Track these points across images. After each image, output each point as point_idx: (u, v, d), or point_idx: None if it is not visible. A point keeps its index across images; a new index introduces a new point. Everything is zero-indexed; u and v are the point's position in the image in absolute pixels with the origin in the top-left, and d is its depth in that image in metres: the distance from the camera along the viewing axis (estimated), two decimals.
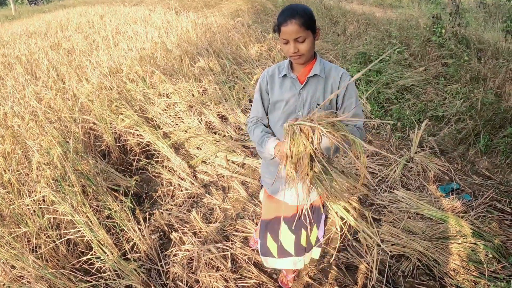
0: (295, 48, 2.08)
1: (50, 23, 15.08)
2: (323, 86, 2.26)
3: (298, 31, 2.03)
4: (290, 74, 2.26)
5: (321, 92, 2.26)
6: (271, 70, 2.37)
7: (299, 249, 2.84)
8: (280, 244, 2.81)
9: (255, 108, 2.47)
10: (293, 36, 2.04)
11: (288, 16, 2.02)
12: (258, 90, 2.42)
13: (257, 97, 2.43)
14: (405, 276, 3.39)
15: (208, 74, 7.18)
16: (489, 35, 8.83)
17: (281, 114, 2.34)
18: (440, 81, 6.61)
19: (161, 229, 3.98)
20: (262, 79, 2.37)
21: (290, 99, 2.28)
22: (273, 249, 2.86)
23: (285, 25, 2.03)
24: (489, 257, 3.37)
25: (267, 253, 2.92)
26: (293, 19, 2.01)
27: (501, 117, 5.31)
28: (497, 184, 4.45)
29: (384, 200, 4.25)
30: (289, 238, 2.77)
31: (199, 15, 12.97)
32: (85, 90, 5.91)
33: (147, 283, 3.29)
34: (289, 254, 2.85)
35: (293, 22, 2.01)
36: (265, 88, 2.37)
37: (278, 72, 2.33)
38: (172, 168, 4.90)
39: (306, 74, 2.24)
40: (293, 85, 2.28)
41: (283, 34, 2.07)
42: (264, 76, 2.37)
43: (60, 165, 4.04)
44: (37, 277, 3.03)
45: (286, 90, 2.29)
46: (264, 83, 2.36)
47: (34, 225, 3.53)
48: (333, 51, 8.55)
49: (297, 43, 2.08)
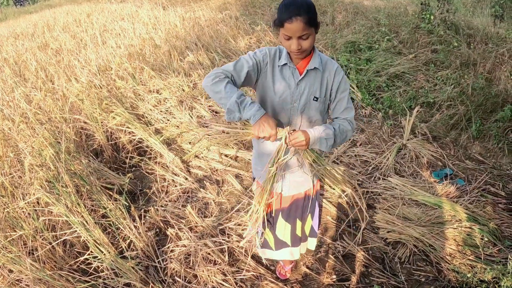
0: (298, 45, 2.03)
1: (37, 24, 14.94)
2: (320, 79, 2.25)
3: (303, 28, 1.97)
4: (290, 63, 2.21)
5: (318, 85, 2.25)
6: (273, 51, 2.26)
7: (295, 239, 2.85)
8: (276, 237, 2.82)
9: (238, 68, 2.20)
10: (297, 33, 1.99)
11: (294, 12, 1.94)
12: (253, 58, 2.22)
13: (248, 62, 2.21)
14: (402, 262, 3.42)
15: (198, 68, 7.16)
16: (478, 21, 8.86)
17: (275, 103, 2.28)
18: (430, 68, 6.63)
19: (157, 225, 3.99)
20: (265, 54, 2.24)
21: (287, 89, 2.24)
22: (270, 241, 2.87)
23: (290, 22, 1.95)
24: (485, 240, 3.40)
25: (265, 245, 2.94)
26: (299, 17, 1.94)
27: (492, 101, 5.34)
28: (490, 168, 4.48)
29: (378, 188, 4.27)
30: (285, 228, 2.78)
31: (186, 9, 12.91)
32: (74, 90, 5.87)
33: (145, 280, 3.29)
34: (286, 245, 2.86)
35: (299, 19, 1.94)
36: (263, 63, 2.25)
37: (278, 58, 2.25)
38: (165, 164, 4.90)
39: (305, 66, 2.22)
40: (292, 76, 2.23)
41: (287, 30, 2.00)
42: (267, 53, 2.24)
43: (53, 166, 4.02)
44: (35, 280, 3.02)
45: (285, 78, 2.24)
46: (263, 59, 2.24)
47: (30, 227, 3.52)
48: (322, 41, 8.54)
49: (300, 40, 2.03)
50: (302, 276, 3.38)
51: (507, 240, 3.43)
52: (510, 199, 4.02)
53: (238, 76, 2.19)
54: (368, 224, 3.87)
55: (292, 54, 2.16)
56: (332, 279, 3.30)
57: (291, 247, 2.88)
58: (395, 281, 3.22)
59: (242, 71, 2.19)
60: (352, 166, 4.71)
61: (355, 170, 4.63)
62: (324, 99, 2.29)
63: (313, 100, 2.26)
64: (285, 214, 2.73)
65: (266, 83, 2.28)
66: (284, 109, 2.28)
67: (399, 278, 3.26)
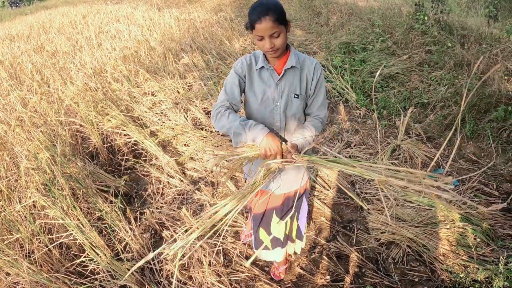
0: (271, 43, 2.12)
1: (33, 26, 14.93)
2: (299, 77, 2.34)
3: (272, 27, 2.06)
4: (267, 65, 2.30)
5: (297, 82, 2.34)
6: (248, 59, 2.37)
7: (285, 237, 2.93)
8: (272, 236, 2.87)
9: (230, 91, 2.36)
10: (268, 32, 2.07)
11: (262, 13, 2.04)
12: (235, 75, 2.36)
13: (234, 81, 2.35)
14: (396, 262, 3.44)
15: (193, 70, 7.18)
16: (472, 21, 8.88)
17: (258, 106, 2.37)
18: (424, 68, 6.65)
19: (153, 227, 4.01)
20: (241, 65, 2.36)
21: (268, 90, 2.33)
22: (266, 241, 2.91)
23: (259, 23, 2.05)
24: (478, 241, 3.42)
25: (260, 246, 2.97)
26: (267, 16, 2.03)
27: (486, 101, 5.36)
28: None
29: (372, 189, 4.29)
30: (279, 226, 2.84)
31: (181, 11, 12.93)
32: (70, 93, 5.88)
33: (141, 282, 3.31)
34: (280, 243, 2.93)
35: (267, 18, 2.03)
36: (243, 75, 2.36)
37: (255, 63, 2.35)
38: (161, 166, 4.91)
39: (282, 66, 2.30)
40: (271, 77, 2.32)
41: (258, 31, 2.09)
42: (243, 63, 2.36)
43: (49, 170, 4.04)
44: (32, 283, 3.04)
45: (264, 81, 2.33)
46: (242, 70, 2.35)
47: (26, 231, 3.54)
48: (316, 42, 8.57)
49: (272, 38, 2.12)
50: (296, 277, 3.40)
51: (500, 240, 3.45)
52: (504, 199, 4.04)
53: (234, 99, 2.35)
54: (362, 225, 3.89)
55: (267, 55, 2.26)
56: (326, 280, 3.32)
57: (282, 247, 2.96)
58: (389, 282, 3.24)
59: (234, 92, 2.35)
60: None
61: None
62: (305, 96, 2.40)
63: (294, 98, 2.36)
64: (279, 213, 2.80)
65: (248, 89, 2.39)
66: (267, 110, 2.37)
67: (392, 278, 3.28)
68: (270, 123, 2.41)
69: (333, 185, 4.46)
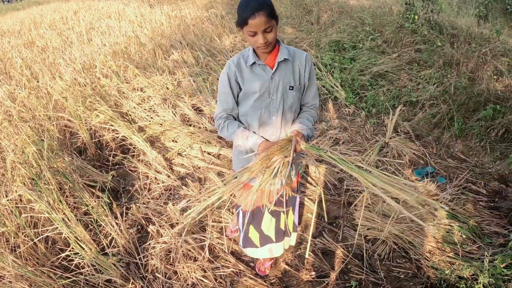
0: (264, 38, 2.13)
1: (24, 21, 14.83)
2: (291, 69, 2.38)
3: (266, 22, 2.07)
4: (258, 61, 2.31)
5: (290, 74, 2.37)
6: (235, 60, 2.37)
7: (279, 233, 2.91)
8: (262, 232, 2.87)
9: (224, 101, 2.44)
10: (261, 27, 2.08)
11: (255, 8, 2.04)
12: (226, 82, 2.38)
13: (226, 90, 2.40)
14: (382, 259, 3.45)
15: (182, 66, 7.17)
16: (463, 21, 8.93)
17: (254, 102, 2.38)
18: (413, 67, 6.68)
19: (139, 222, 4.00)
20: (229, 69, 2.36)
21: (263, 85, 2.34)
22: (255, 239, 2.91)
23: (253, 18, 2.05)
24: (464, 238, 3.43)
25: (248, 244, 2.97)
26: (261, 11, 2.04)
27: (475, 100, 5.40)
28: (472, 166, 4.53)
29: (359, 185, 4.30)
30: (270, 223, 2.84)
31: (173, 7, 12.91)
32: (58, 88, 5.85)
33: (126, 276, 3.31)
34: (270, 241, 2.92)
35: (261, 14, 2.04)
36: (234, 79, 2.36)
37: (244, 61, 2.35)
38: (148, 162, 4.90)
39: (273, 60, 2.32)
40: (264, 71, 2.33)
41: (251, 27, 2.09)
42: (231, 66, 2.36)
43: (36, 164, 4.03)
44: (17, 276, 3.03)
45: (258, 77, 2.34)
46: (233, 73, 2.35)
47: (12, 224, 3.53)
48: (307, 40, 8.58)
49: (265, 33, 2.12)
50: (281, 272, 3.41)
51: (487, 237, 3.46)
52: (491, 197, 4.07)
53: (229, 108, 2.46)
54: (348, 222, 3.90)
55: (259, 50, 2.26)
56: (311, 276, 3.32)
57: (274, 242, 2.94)
58: (374, 278, 3.25)
59: (228, 102, 2.44)
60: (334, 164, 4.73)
61: (337, 168, 4.66)
62: (299, 87, 2.44)
63: (289, 90, 2.39)
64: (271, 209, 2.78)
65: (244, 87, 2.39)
66: (263, 104, 2.39)
67: (378, 274, 3.29)
68: (267, 118, 2.43)
69: (320, 181, 4.46)
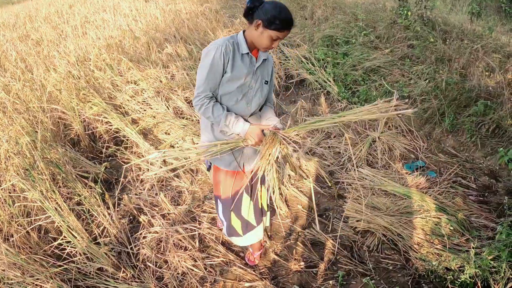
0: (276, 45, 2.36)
1: (19, 14, 14.78)
2: (267, 66, 2.61)
3: None
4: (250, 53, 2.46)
5: (266, 71, 2.60)
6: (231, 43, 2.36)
7: (258, 213, 2.98)
8: (243, 219, 2.92)
9: (212, 79, 2.38)
10: (283, 39, 2.37)
11: (290, 23, 2.27)
12: (220, 62, 2.33)
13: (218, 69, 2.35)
14: (371, 250, 3.49)
15: (176, 60, 7.20)
16: (456, 18, 8.96)
17: (237, 89, 2.46)
18: (405, 62, 6.70)
19: (131, 213, 4.04)
20: (222, 52, 2.31)
21: (248, 75, 2.46)
22: (238, 227, 2.96)
23: (284, 31, 2.28)
24: (452, 230, 3.47)
25: (233, 233, 3.03)
26: (291, 27, 2.30)
27: (466, 96, 5.43)
28: (463, 161, 4.57)
29: (349, 178, 4.35)
30: (249, 206, 2.91)
31: (168, 1, 12.89)
32: (52, 80, 5.87)
33: (118, 265, 3.34)
34: (251, 227, 2.98)
35: (290, 29, 2.31)
36: (227, 60, 2.35)
37: (237, 48, 2.41)
38: (141, 154, 4.93)
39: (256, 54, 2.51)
40: (251, 63, 2.47)
41: (279, 35, 2.28)
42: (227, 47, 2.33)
43: (29, 154, 4.06)
44: (10, 264, 3.06)
45: (246, 66, 2.45)
46: (223, 57, 2.32)
47: (5, 213, 3.57)
48: (300, 35, 8.58)
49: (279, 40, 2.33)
50: (271, 262, 3.45)
51: (475, 230, 3.51)
52: (481, 191, 4.11)
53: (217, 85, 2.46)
54: (338, 213, 3.95)
55: (262, 49, 2.41)
56: (300, 266, 3.36)
57: (256, 226, 3.00)
58: (363, 269, 3.29)
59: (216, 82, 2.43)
60: (325, 157, 4.79)
61: (327, 161, 4.71)
62: (270, 83, 2.66)
63: (264, 84, 2.60)
64: (248, 189, 2.86)
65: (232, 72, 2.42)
66: (242, 93, 2.50)
67: (367, 266, 3.33)
68: (242, 105, 2.53)
69: (311, 174, 4.51)
